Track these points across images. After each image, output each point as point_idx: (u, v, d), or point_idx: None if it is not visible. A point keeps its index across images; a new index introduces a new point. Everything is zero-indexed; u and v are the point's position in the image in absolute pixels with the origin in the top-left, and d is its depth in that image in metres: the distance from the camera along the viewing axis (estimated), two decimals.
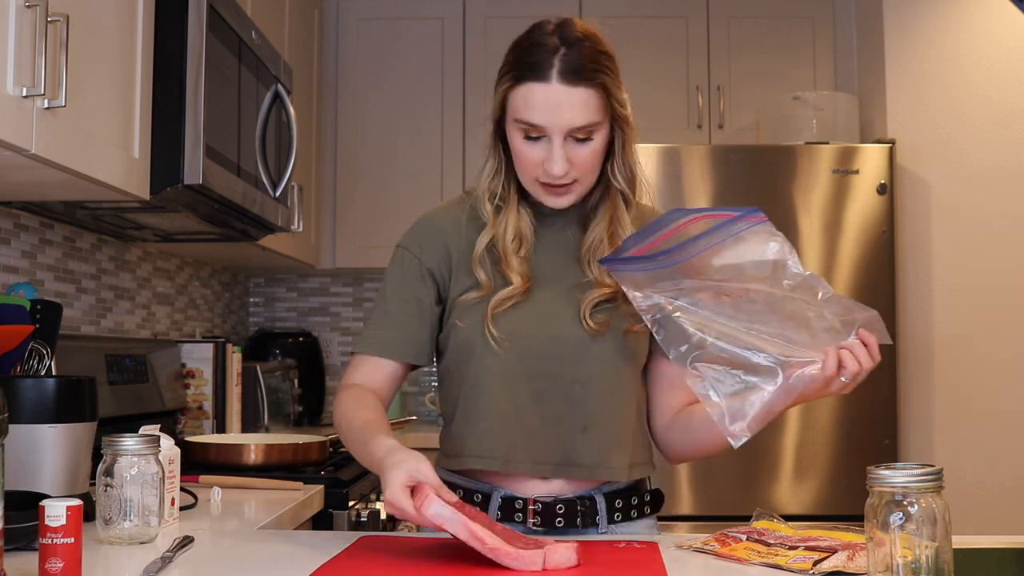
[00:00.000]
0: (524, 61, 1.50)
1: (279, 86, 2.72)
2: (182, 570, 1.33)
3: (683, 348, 1.44)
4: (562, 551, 1.30)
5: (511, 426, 1.56)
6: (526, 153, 1.53)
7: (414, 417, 3.84)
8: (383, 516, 2.40)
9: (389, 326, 1.63)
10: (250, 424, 3.17)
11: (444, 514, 1.28)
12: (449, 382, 1.65)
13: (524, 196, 1.62)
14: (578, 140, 1.51)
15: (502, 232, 1.59)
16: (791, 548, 1.37)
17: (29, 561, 1.28)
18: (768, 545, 1.40)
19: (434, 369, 1.72)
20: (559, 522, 1.56)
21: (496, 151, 1.61)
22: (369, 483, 2.50)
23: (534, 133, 1.51)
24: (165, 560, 1.32)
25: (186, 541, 1.44)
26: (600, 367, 1.56)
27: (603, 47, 1.52)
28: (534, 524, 1.56)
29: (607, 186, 1.60)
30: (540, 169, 1.52)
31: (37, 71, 1.58)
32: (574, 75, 1.48)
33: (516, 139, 1.53)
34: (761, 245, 1.45)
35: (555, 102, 1.48)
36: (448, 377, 1.65)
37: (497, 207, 1.61)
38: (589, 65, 1.49)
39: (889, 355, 3.32)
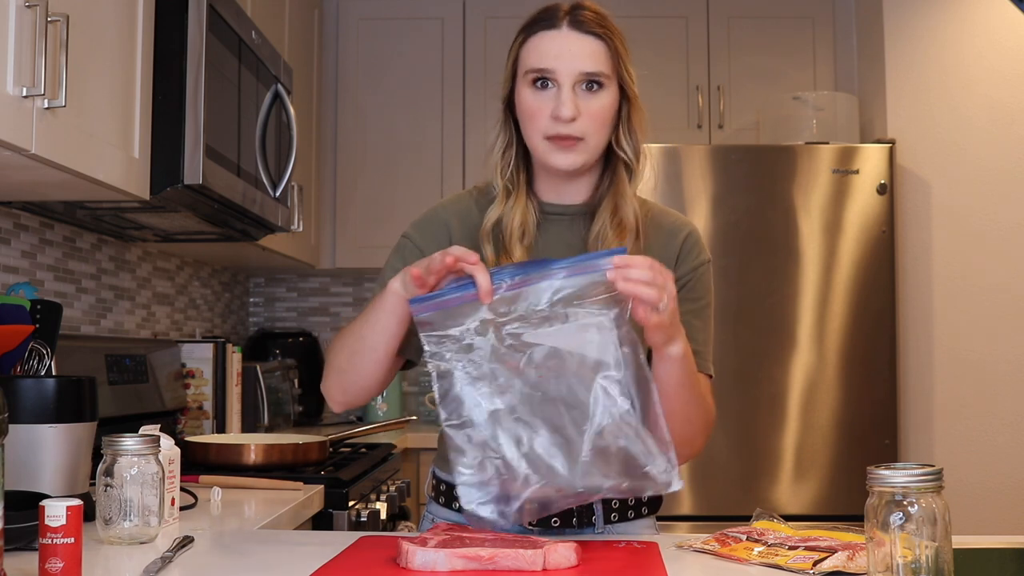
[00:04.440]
0: (535, 18, 1.57)
1: (279, 86, 2.72)
2: (182, 570, 1.33)
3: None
4: (562, 551, 1.30)
5: None
6: (535, 104, 1.54)
7: (414, 417, 3.84)
8: (383, 516, 2.40)
9: None
10: (250, 424, 3.17)
11: (430, 558, 1.27)
12: None
13: (532, 186, 1.62)
14: (587, 92, 1.53)
15: (510, 215, 1.59)
16: (791, 548, 1.37)
17: (29, 561, 1.28)
18: (768, 545, 1.40)
19: None
20: (554, 522, 1.56)
21: (507, 125, 1.62)
22: (369, 483, 2.50)
23: (541, 79, 1.53)
24: (165, 560, 1.32)
25: (186, 541, 1.44)
26: None
27: (611, 20, 1.58)
28: (529, 523, 1.56)
29: (614, 172, 1.60)
30: (549, 120, 1.53)
31: (37, 71, 1.58)
32: (584, 25, 1.54)
33: (526, 94, 1.55)
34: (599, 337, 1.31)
35: (564, 45, 1.53)
36: None
37: (507, 189, 1.61)
38: (598, 22, 1.55)
39: (889, 355, 3.33)
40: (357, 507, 2.29)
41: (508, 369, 1.32)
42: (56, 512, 1.20)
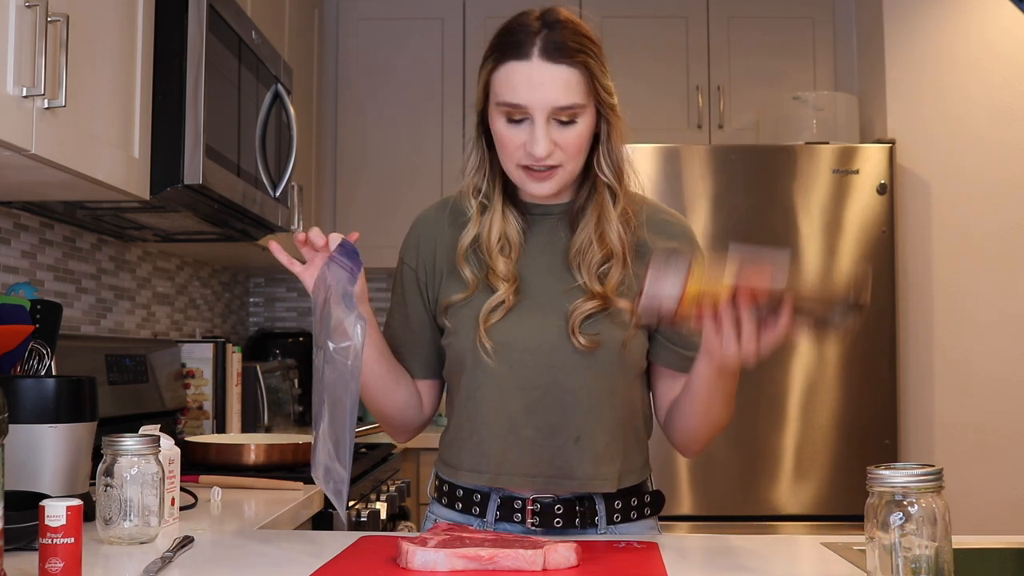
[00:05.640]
0: (505, 42, 1.50)
1: (279, 86, 2.72)
2: (182, 570, 1.33)
3: None
4: (562, 551, 1.30)
5: (503, 439, 1.55)
6: (508, 137, 1.50)
7: None
8: (383, 516, 2.40)
9: (389, 340, 1.65)
10: (250, 424, 3.17)
11: (430, 558, 1.27)
12: (448, 388, 1.66)
13: (509, 197, 1.60)
14: (562, 123, 1.48)
15: (486, 232, 1.57)
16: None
17: (29, 561, 1.28)
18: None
19: None
20: (557, 522, 1.56)
21: (479, 144, 1.59)
22: (369, 483, 2.50)
23: (517, 115, 1.48)
24: (165, 560, 1.32)
25: (186, 541, 1.44)
26: (593, 377, 1.54)
27: (586, 31, 1.51)
28: (532, 524, 1.56)
29: (595, 182, 1.57)
30: (522, 152, 1.49)
31: (37, 71, 1.58)
32: (556, 52, 1.46)
33: (499, 124, 1.50)
34: None
35: (536, 80, 1.46)
36: (447, 382, 1.66)
37: (482, 205, 1.59)
38: (571, 44, 1.47)
39: (889, 355, 3.33)
40: (357, 507, 2.29)
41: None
42: (56, 512, 1.20)
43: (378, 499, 2.51)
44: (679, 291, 1.30)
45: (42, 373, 1.83)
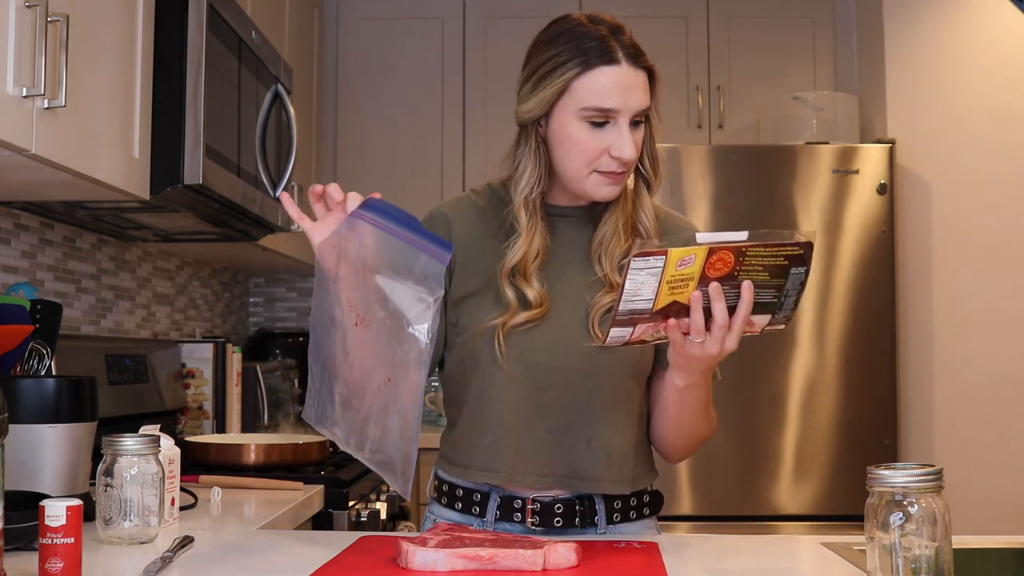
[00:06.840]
0: (585, 48, 1.50)
1: (279, 86, 2.72)
2: (182, 570, 1.33)
3: None
4: (562, 551, 1.30)
5: (517, 439, 1.55)
6: (590, 142, 1.50)
7: None
8: (383, 516, 2.40)
9: None
10: (250, 424, 3.17)
11: (430, 558, 1.27)
12: (453, 386, 1.63)
13: (542, 203, 1.59)
14: (635, 125, 1.51)
15: (529, 248, 1.55)
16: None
17: (29, 561, 1.28)
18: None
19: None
20: (557, 522, 1.56)
21: (537, 155, 1.55)
22: (369, 483, 2.50)
23: (600, 119, 1.49)
24: (165, 560, 1.32)
25: (186, 541, 1.44)
26: (607, 378, 1.55)
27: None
28: (532, 524, 1.56)
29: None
30: (604, 157, 1.50)
31: (37, 71, 1.58)
32: (636, 58, 1.51)
33: (578, 129, 1.50)
34: None
35: (628, 84, 1.49)
36: (451, 381, 1.64)
37: (530, 221, 1.56)
38: (642, 49, 1.52)
39: (889, 355, 3.33)
40: (357, 507, 2.29)
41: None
42: (56, 512, 1.20)
43: (378, 499, 2.51)
44: (654, 292, 1.30)
45: (42, 373, 1.83)
